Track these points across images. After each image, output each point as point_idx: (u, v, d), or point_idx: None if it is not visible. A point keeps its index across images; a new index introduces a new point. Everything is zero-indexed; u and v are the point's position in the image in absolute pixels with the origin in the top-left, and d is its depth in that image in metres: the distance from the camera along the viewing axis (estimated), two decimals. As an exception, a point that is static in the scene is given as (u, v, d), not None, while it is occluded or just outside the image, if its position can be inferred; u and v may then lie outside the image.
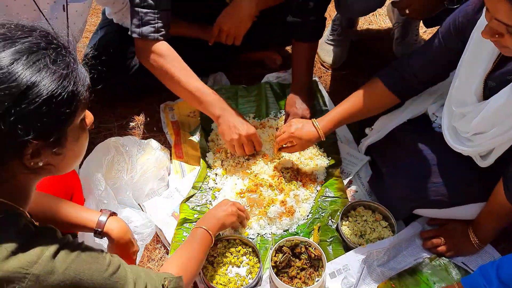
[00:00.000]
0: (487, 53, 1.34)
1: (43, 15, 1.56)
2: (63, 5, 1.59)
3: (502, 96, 1.30)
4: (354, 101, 1.68)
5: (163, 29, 1.71)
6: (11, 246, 0.81)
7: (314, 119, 1.70)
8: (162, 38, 1.71)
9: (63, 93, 0.79)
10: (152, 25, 1.69)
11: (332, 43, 2.32)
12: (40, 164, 0.83)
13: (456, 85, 1.47)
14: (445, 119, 1.55)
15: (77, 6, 1.63)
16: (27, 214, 0.92)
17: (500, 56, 1.33)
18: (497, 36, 1.14)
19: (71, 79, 0.81)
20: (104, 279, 0.92)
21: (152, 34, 1.69)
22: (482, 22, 1.29)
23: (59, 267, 0.85)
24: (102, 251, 0.97)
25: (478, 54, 1.36)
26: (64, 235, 0.92)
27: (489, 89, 1.38)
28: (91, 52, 1.94)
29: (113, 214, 1.27)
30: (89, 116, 0.95)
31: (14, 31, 0.80)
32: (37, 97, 0.77)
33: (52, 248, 0.85)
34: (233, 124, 1.70)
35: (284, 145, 1.74)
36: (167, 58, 1.71)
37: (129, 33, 1.74)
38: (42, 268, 0.82)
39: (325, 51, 2.32)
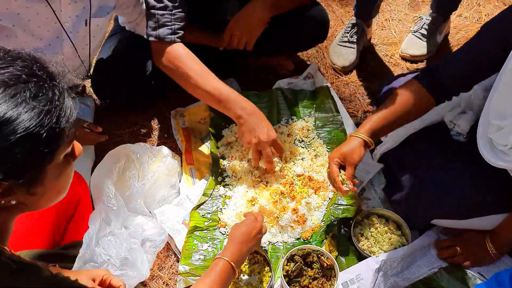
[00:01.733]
0: None
1: (64, 29, 1.57)
2: (85, 20, 1.60)
3: None
4: (392, 106, 1.53)
5: (180, 31, 1.69)
6: None
7: (353, 132, 1.54)
8: (179, 40, 1.69)
9: (41, 131, 0.73)
10: (169, 27, 1.66)
11: (344, 45, 2.30)
12: (13, 202, 0.77)
13: (496, 96, 1.40)
14: (481, 129, 1.46)
15: (98, 20, 1.63)
16: (7, 249, 0.84)
17: None
18: None
19: (53, 115, 0.75)
20: None
21: (169, 36, 1.67)
22: None
23: None
24: None
25: None
26: (53, 272, 0.83)
27: None
28: (104, 59, 1.96)
29: None
30: (77, 148, 0.88)
31: None
32: (10, 134, 0.70)
33: None
34: (253, 127, 1.64)
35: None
36: (184, 59, 1.67)
37: (145, 36, 1.72)
38: None
39: (337, 54, 2.30)
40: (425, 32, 2.31)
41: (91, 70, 1.97)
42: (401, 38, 2.44)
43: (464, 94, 1.69)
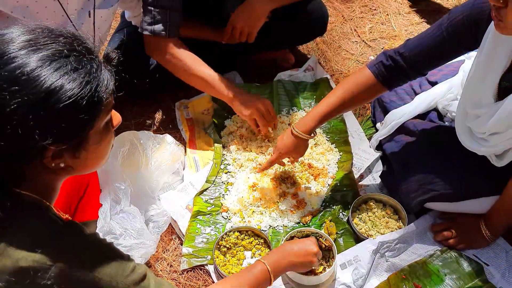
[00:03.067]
0: (503, 53, 1.33)
1: (71, 21, 1.63)
2: (89, 12, 1.67)
3: None
4: (340, 93, 1.58)
5: (173, 28, 1.79)
6: (37, 237, 0.84)
7: (293, 124, 1.61)
8: (172, 35, 1.80)
9: (83, 100, 0.81)
10: (163, 24, 1.77)
11: None
12: (62, 165, 0.86)
13: (470, 87, 1.46)
14: (458, 119, 1.54)
15: (102, 12, 1.70)
16: (54, 209, 0.93)
17: None
18: (501, 1, 1.11)
19: (92, 86, 0.83)
20: (125, 285, 0.90)
21: (163, 32, 1.77)
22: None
23: (84, 266, 0.85)
24: (129, 256, 0.96)
25: (493, 55, 1.35)
26: (92, 233, 0.93)
27: (503, 89, 1.38)
28: (112, 52, 2.01)
29: None
30: (116, 117, 0.97)
31: (41, 37, 0.82)
32: (56, 103, 0.78)
33: (79, 244, 0.87)
34: (247, 99, 1.80)
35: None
36: (178, 51, 1.80)
37: (139, 30, 1.82)
38: (67, 262, 0.84)
39: None
40: None
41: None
42: (400, 31, 2.49)
43: (455, 81, 1.75)
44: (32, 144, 0.79)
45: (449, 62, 1.60)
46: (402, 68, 1.52)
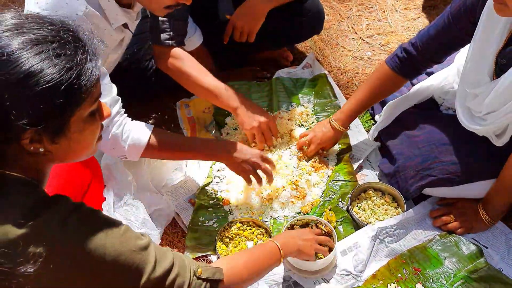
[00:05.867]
0: (498, 31, 1.37)
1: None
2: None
3: None
4: (365, 89, 1.77)
5: (177, 37, 1.82)
6: (24, 210, 0.84)
7: (331, 118, 1.82)
8: (175, 44, 1.81)
9: (61, 86, 0.82)
10: (168, 33, 1.79)
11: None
12: (41, 150, 0.87)
13: (468, 66, 1.50)
14: (458, 100, 1.58)
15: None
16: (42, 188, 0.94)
17: (510, 33, 1.37)
18: None
19: (73, 73, 0.83)
20: (127, 250, 0.91)
21: (167, 41, 1.80)
22: (491, 2, 1.32)
23: (71, 232, 0.86)
24: (128, 227, 0.97)
25: (489, 33, 1.40)
26: (78, 202, 0.92)
27: (500, 66, 1.41)
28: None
29: None
30: (105, 109, 0.98)
31: (28, 22, 0.85)
32: (34, 86, 0.80)
33: (63, 213, 0.87)
34: (251, 113, 1.79)
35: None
36: (182, 60, 1.80)
37: (150, 41, 1.86)
38: (57, 233, 0.85)
39: None
40: None
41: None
42: (396, 27, 2.53)
43: (451, 70, 1.78)
44: (8, 124, 0.81)
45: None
46: (415, 58, 1.65)
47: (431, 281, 1.52)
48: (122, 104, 1.51)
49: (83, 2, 1.35)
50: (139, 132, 1.49)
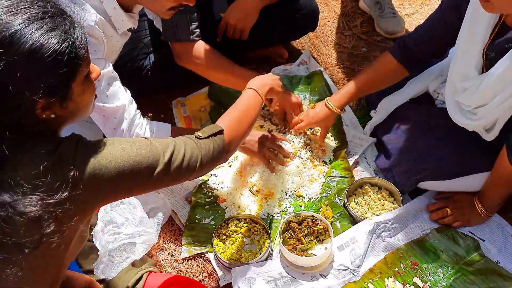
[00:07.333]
0: (484, 24, 1.38)
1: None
2: None
3: (501, 65, 1.34)
4: (365, 75, 1.77)
5: (197, 30, 1.81)
6: (45, 148, 0.93)
7: (327, 99, 1.81)
8: (197, 38, 1.82)
9: (63, 56, 0.89)
10: (187, 28, 1.79)
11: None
12: (52, 116, 0.94)
13: (457, 60, 1.51)
14: (448, 95, 1.58)
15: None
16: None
17: (497, 26, 1.38)
18: None
19: (69, 42, 0.90)
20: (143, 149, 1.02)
21: (190, 37, 1.80)
22: None
23: (86, 149, 0.96)
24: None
25: (475, 27, 1.40)
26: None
27: (489, 60, 1.42)
28: None
29: None
30: (95, 70, 1.05)
31: (17, 2, 0.89)
32: (40, 61, 0.87)
33: (75, 139, 0.97)
34: (283, 95, 1.71)
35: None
36: (207, 54, 1.81)
37: (162, 38, 1.84)
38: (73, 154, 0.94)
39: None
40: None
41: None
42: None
43: (446, 64, 1.78)
44: (23, 99, 0.87)
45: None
46: (415, 51, 1.66)
47: (428, 274, 1.52)
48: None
49: (93, 12, 1.38)
50: (160, 132, 1.55)
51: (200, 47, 1.82)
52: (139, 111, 1.54)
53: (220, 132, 1.20)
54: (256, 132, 1.76)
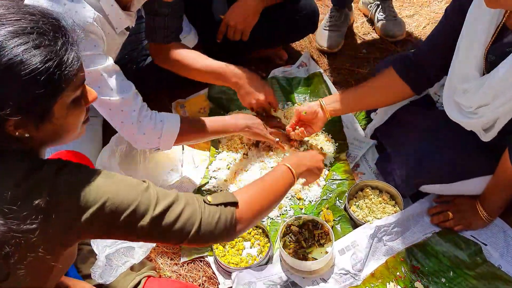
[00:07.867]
0: (485, 26, 1.36)
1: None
2: None
3: (503, 68, 1.33)
4: (367, 91, 1.73)
5: (173, 33, 1.82)
6: (20, 171, 0.87)
7: (321, 99, 1.77)
8: (172, 41, 1.82)
9: (41, 76, 0.83)
10: (163, 31, 1.79)
11: (330, 29, 2.39)
12: (26, 135, 0.89)
13: (457, 61, 1.49)
14: (446, 95, 1.56)
15: None
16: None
17: (498, 29, 1.37)
18: None
19: (53, 63, 0.85)
20: (134, 191, 0.94)
21: (164, 39, 1.80)
22: None
23: (65, 180, 0.89)
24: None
25: (476, 28, 1.39)
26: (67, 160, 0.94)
27: (490, 62, 1.41)
28: None
29: None
30: (91, 94, 0.99)
31: (8, 13, 0.86)
32: (15, 77, 0.82)
33: (57, 166, 0.90)
34: (250, 91, 1.80)
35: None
36: (179, 52, 1.82)
37: (146, 39, 1.87)
38: (52, 182, 0.88)
39: (322, 36, 2.39)
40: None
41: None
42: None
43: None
44: None
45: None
46: (417, 65, 1.62)
47: (430, 279, 1.51)
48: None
49: (91, 9, 1.36)
50: (170, 121, 1.54)
51: (175, 48, 1.82)
52: (145, 103, 1.53)
53: (233, 204, 1.06)
54: (251, 115, 1.78)
